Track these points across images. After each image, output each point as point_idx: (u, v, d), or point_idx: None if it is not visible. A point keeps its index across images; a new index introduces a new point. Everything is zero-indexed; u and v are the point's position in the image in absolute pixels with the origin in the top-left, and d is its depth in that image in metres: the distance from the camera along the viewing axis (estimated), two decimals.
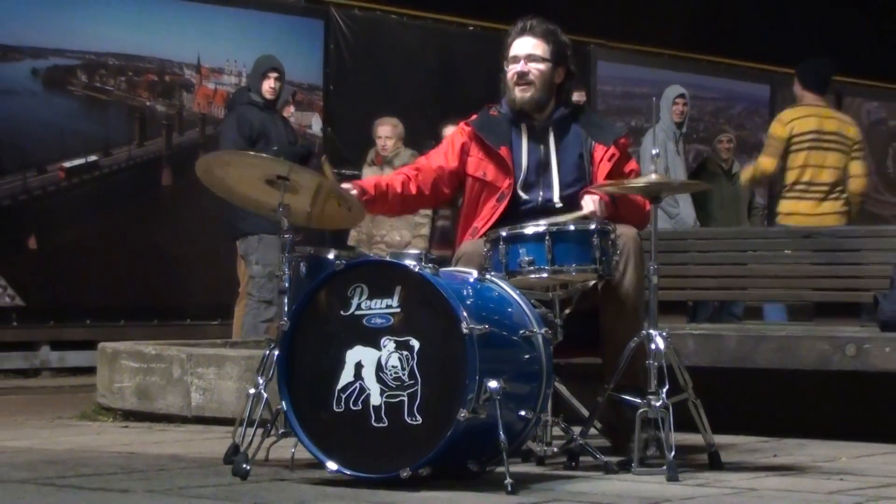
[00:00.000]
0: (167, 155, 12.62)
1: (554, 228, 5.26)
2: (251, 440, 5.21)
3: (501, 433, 4.70)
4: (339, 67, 13.76)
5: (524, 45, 5.78)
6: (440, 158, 5.85)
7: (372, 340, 4.83)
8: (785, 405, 6.61)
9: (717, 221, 11.55)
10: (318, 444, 4.85)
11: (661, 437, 5.11)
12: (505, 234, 5.30)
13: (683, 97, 11.43)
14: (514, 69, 5.76)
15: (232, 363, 7.05)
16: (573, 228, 5.31)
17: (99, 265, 11.96)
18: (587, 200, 5.59)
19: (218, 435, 6.38)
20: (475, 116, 5.91)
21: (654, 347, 5.19)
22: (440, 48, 14.60)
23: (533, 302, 5.18)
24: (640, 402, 5.18)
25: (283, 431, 5.22)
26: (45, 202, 11.82)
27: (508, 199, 5.70)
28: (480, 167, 5.78)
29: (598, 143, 5.78)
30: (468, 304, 4.80)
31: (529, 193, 5.73)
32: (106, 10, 12.28)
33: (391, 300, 4.83)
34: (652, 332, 5.22)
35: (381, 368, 4.80)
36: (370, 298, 4.86)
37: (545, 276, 5.26)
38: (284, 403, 4.92)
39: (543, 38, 5.78)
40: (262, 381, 5.38)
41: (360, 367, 4.83)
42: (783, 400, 6.61)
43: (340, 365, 4.85)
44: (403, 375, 4.76)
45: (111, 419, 7.35)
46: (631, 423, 5.20)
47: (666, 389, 5.17)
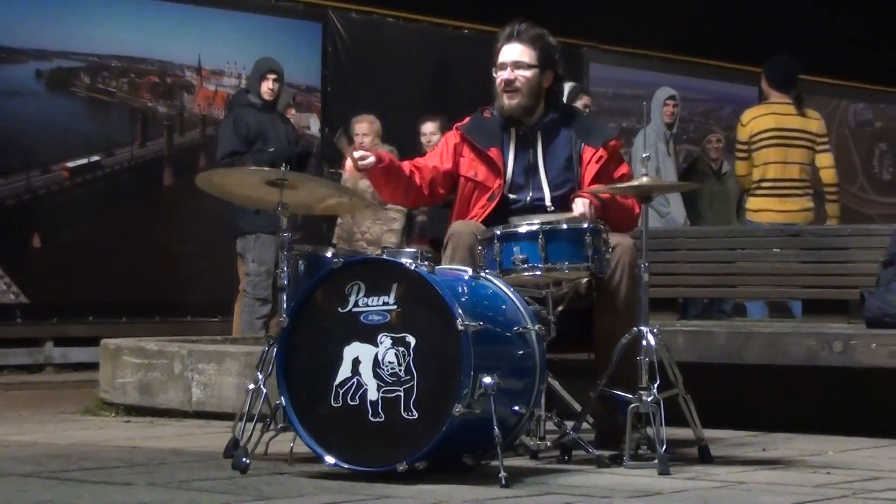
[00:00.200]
0: (168, 155, 12.60)
1: (547, 227, 5.26)
2: (251, 435, 5.20)
3: (496, 428, 4.70)
4: (336, 69, 13.75)
5: (511, 51, 5.76)
6: (435, 159, 5.86)
7: (369, 337, 4.82)
8: (773, 400, 6.61)
9: (706, 220, 11.56)
10: (316, 438, 4.85)
11: (651, 432, 5.12)
12: (499, 232, 5.30)
13: (674, 99, 11.44)
14: (501, 76, 5.75)
15: (232, 359, 7.04)
16: (566, 227, 5.31)
17: (101, 263, 11.94)
18: (577, 203, 5.59)
19: (218, 429, 6.37)
20: (468, 119, 5.91)
21: (645, 344, 5.19)
22: (436, 51, 14.59)
23: (527, 299, 5.18)
24: (631, 397, 5.19)
25: (281, 426, 5.21)
26: (48, 201, 11.80)
27: (499, 198, 5.71)
28: (472, 168, 5.79)
29: (586, 145, 5.78)
30: (463, 301, 4.80)
31: (517, 195, 5.73)
32: (108, 13, 12.25)
33: (388, 297, 4.83)
34: (643, 328, 5.22)
35: (377, 364, 4.79)
36: (367, 296, 4.86)
37: (539, 273, 5.26)
38: (283, 399, 4.92)
39: (531, 43, 5.76)
40: (261, 376, 5.37)
41: (357, 362, 4.83)
42: (771, 395, 6.61)
43: (338, 361, 4.85)
44: (400, 371, 4.76)
45: (113, 414, 7.35)
46: (623, 418, 5.21)
47: (657, 385, 5.17)
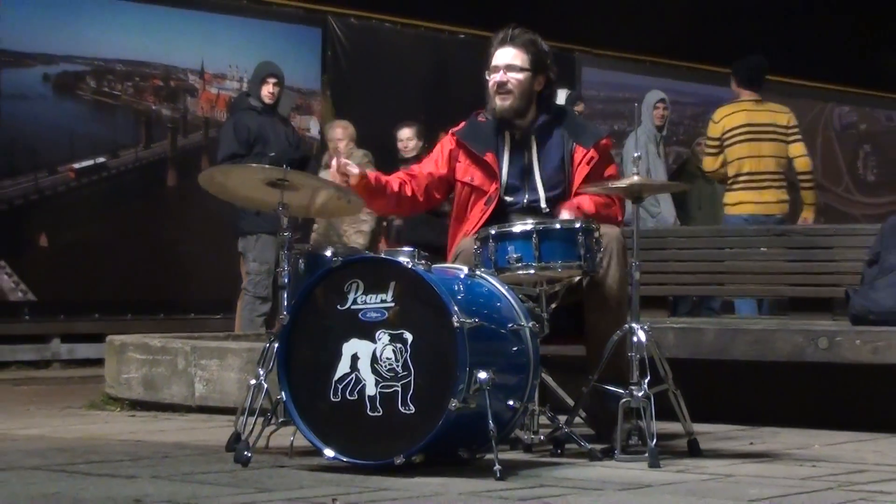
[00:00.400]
0: (172, 157, 12.61)
1: (541, 227, 5.27)
2: (252, 429, 5.20)
3: (490, 422, 4.70)
4: (336, 73, 13.74)
5: (504, 55, 5.76)
6: (431, 165, 5.85)
7: (367, 333, 4.82)
8: (760, 395, 6.61)
9: (696, 220, 11.57)
10: (315, 432, 4.85)
11: (642, 425, 5.12)
12: (494, 232, 5.30)
13: (664, 102, 11.44)
14: (493, 79, 5.75)
15: (234, 355, 7.04)
16: (559, 227, 5.31)
17: (107, 262, 11.95)
18: (564, 213, 5.60)
19: (220, 424, 6.37)
20: (463, 124, 5.90)
21: (636, 340, 5.19)
22: (433, 55, 14.59)
23: (521, 297, 5.17)
24: (622, 392, 5.19)
25: (282, 420, 5.21)
26: (55, 202, 11.80)
27: (496, 202, 5.71)
28: (468, 172, 5.78)
29: (578, 145, 5.77)
30: (459, 298, 4.79)
31: (514, 197, 5.73)
32: (114, 18, 12.26)
33: (386, 295, 4.83)
34: (634, 325, 5.21)
35: (376, 360, 4.79)
36: (365, 293, 4.86)
37: (532, 272, 5.26)
38: (284, 394, 4.92)
39: (523, 47, 5.76)
40: (262, 372, 5.37)
41: (356, 358, 4.83)
42: (759, 390, 6.61)
43: (337, 357, 4.85)
44: (397, 367, 4.76)
45: (118, 409, 7.34)
46: (614, 412, 5.21)
47: (647, 380, 5.17)
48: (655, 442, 5.02)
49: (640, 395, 5.13)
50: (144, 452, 5.42)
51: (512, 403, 4.94)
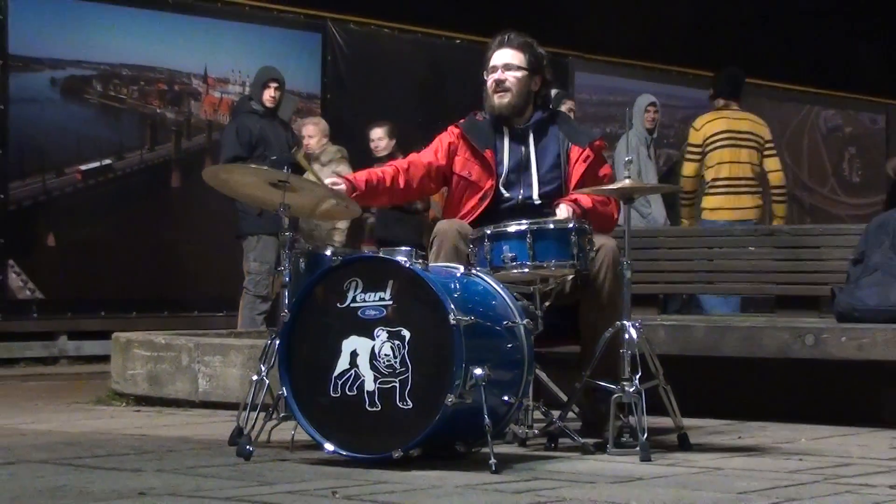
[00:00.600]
0: (176, 159, 12.59)
1: (535, 227, 5.27)
2: (254, 423, 5.20)
3: (486, 417, 4.70)
4: (335, 77, 13.74)
5: (502, 55, 5.78)
6: (430, 156, 5.85)
7: (366, 331, 4.82)
8: (749, 391, 6.61)
9: (685, 221, 11.55)
10: (316, 426, 4.85)
11: (634, 420, 5.12)
12: (489, 232, 5.30)
13: (655, 105, 11.43)
14: (492, 77, 5.77)
15: (236, 352, 7.03)
16: (553, 227, 5.31)
17: (113, 261, 11.94)
18: (561, 209, 5.59)
19: (223, 419, 6.37)
20: (463, 120, 5.90)
21: (627, 337, 5.19)
22: (429, 59, 14.58)
23: (515, 295, 5.17)
24: (614, 387, 5.19)
25: (283, 415, 5.21)
26: (63, 202, 11.79)
27: (491, 198, 5.71)
28: (466, 167, 5.78)
29: (574, 144, 5.78)
30: (455, 296, 4.79)
31: (510, 191, 5.73)
32: (120, 24, 12.24)
33: (384, 293, 4.83)
34: (626, 323, 5.22)
35: (374, 357, 4.79)
36: (364, 292, 4.86)
37: (527, 271, 5.26)
38: (285, 389, 4.92)
39: (520, 49, 5.79)
40: (264, 368, 5.37)
41: (355, 355, 4.83)
42: (747, 386, 6.61)
43: (337, 353, 4.85)
44: (395, 363, 4.76)
45: (124, 404, 7.34)
46: (606, 407, 5.21)
47: (638, 376, 5.17)
48: (646, 436, 5.02)
49: (631, 390, 5.13)
50: (149, 446, 5.41)
51: (507, 399, 4.94)
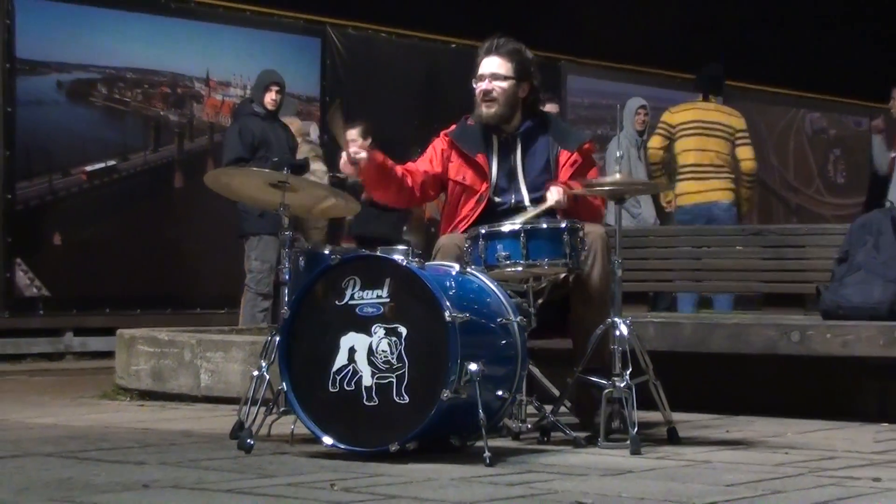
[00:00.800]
0: (179, 160, 12.58)
1: (528, 227, 5.27)
2: (255, 418, 5.20)
3: (481, 411, 4.70)
4: (334, 81, 13.73)
5: (489, 64, 5.74)
6: (426, 164, 5.83)
7: (364, 327, 4.82)
8: (736, 386, 6.61)
9: (675, 220, 11.55)
10: (315, 421, 4.85)
11: (624, 414, 5.12)
12: (484, 231, 5.30)
13: (645, 108, 11.46)
14: (479, 87, 5.73)
15: (237, 348, 7.03)
16: (546, 226, 5.31)
17: (117, 259, 11.93)
18: (552, 191, 5.58)
19: (224, 413, 6.36)
20: (454, 127, 5.89)
21: (618, 334, 5.19)
22: (425, 64, 14.58)
23: (509, 292, 5.18)
24: (605, 382, 5.19)
25: (283, 410, 5.21)
26: (68, 202, 11.78)
27: (486, 200, 5.70)
28: (460, 172, 5.77)
29: (563, 148, 5.77)
30: (451, 294, 4.79)
31: (502, 197, 5.72)
32: (124, 28, 12.23)
33: (381, 291, 4.83)
34: (616, 319, 5.22)
35: (372, 353, 4.79)
36: (362, 289, 4.86)
37: (520, 269, 5.26)
38: (285, 384, 4.92)
39: (508, 56, 5.74)
40: (264, 363, 5.37)
41: (353, 351, 4.83)
42: (734, 381, 6.61)
43: (335, 350, 4.85)
44: (392, 359, 4.76)
45: (128, 398, 7.33)
46: (597, 402, 5.21)
47: (629, 372, 5.17)
48: (636, 430, 5.02)
49: (622, 385, 5.14)
50: (153, 440, 5.41)
51: (501, 394, 4.94)
